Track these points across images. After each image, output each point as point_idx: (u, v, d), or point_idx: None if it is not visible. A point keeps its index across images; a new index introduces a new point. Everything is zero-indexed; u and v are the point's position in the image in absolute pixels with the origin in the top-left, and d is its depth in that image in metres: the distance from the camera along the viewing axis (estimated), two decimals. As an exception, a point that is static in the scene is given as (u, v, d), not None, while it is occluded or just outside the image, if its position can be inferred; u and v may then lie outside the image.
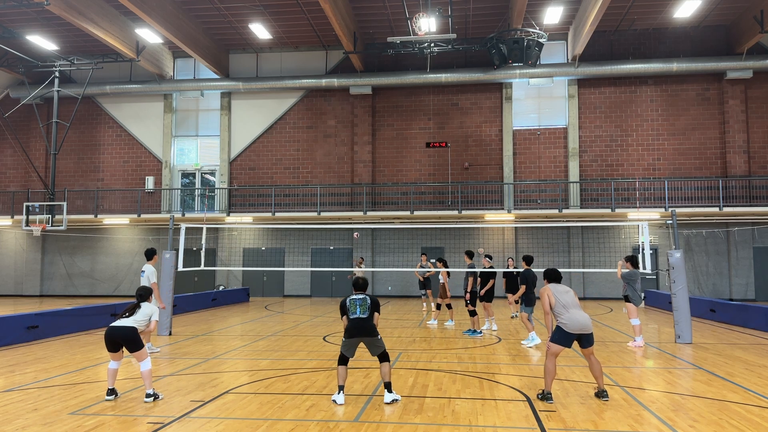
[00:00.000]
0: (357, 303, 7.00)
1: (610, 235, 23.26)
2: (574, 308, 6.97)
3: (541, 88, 24.39)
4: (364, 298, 7.06)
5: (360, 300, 7.03)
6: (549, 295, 7.11)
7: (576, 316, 6.90)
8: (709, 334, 12.90)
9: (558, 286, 7.27)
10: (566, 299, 7.07)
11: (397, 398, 6.88)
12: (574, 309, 6.96)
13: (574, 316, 6.89)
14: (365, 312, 6.91)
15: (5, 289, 26.78)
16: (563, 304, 7.03)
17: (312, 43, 25.38)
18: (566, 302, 7.03)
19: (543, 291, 7.21)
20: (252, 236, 25.72)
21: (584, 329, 6.88)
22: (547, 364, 6.93)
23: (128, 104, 26.67)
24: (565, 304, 7.02)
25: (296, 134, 25.57)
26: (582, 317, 6.90)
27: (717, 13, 22.20)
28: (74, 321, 13.29)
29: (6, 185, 27.09)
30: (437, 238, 24.32)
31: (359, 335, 6.84)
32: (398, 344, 11.35)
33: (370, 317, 6.92)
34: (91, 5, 19.98)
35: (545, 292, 7.16)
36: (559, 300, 7.06)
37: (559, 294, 7.12)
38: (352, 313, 6.95)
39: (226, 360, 9.71)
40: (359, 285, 7.32)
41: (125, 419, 6.10)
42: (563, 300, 7.06)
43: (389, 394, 6.80)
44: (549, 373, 6.90)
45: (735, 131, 22.77)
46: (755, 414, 6.33)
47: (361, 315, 6.90)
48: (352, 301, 7.03)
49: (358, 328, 6.84)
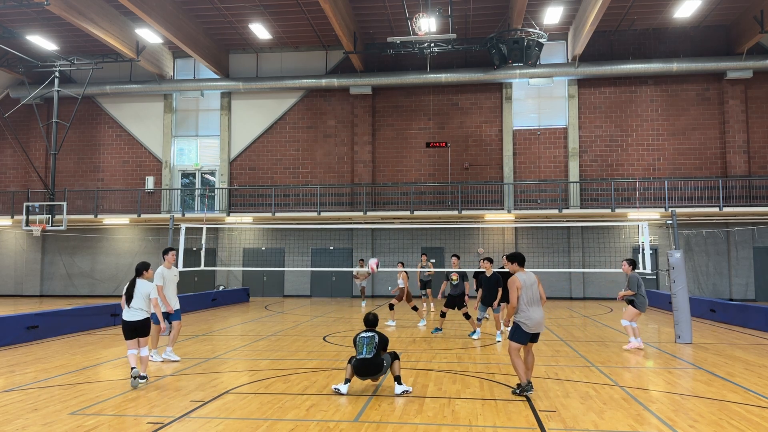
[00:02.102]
0: (364, 342, 7.24)
1: (610, 235, 23.26)
2: (534, 306, 7.12)
3: (541, 88, 24.39)
4: (372, 336, 7.28)
5: (368, 339, 7.26)
6: (519, 287, 7.13)
7: (535, 315, 7.09)
8: (709, 334, 12.90)
9: (526, 277, 7.24)
10: (530, 294, 7.15)
11: (408, 389, 7.18)
12: (534, 307, 7.12)
13: (534, 315, 7.08)
14: (371, 352, 7.14)
15: (5, 289, 26.78)
16: (526, 300, 7.13)
17: (312, 43, 25.38)
18: (529, 298, 7.14)
19: (513, 282, 7.15)
20: (252, 236, 25.72)
21: (540, 328, 7.16)
22: (515, 361, 7.16)
23: (128, 104, 26.67)
24: (528, 300, 7.13)
25: (296, 134, 25.57)
26: (539, 316, 7.12)
27: (717, 13, 22.20)
28: (74, 321, 13.29)
29: (6, 185, 27.09)
30: (437, 238, 24.32)
31: (364, 375, 7.23)
32: (398, 344, 11.35)
33: (376, 355, 7.15)
34: (91, 5, 19.98)
35: (515, 285, 7.14)
36: (524, 295, 7.14)
37: (526, 288, 7.16)
38: (359, 353, 7.22)
39: (226, 360, 9.71)
40: (369, 321, 7.56)
41: (125, 419, 6.10)
42: (527, 295, 7.14)
43: (399, 386, 7.12)
44: (519, 367, 7.15)
45: (735, 131, 22.77)
46: (755, 414, 6.33)
47: (366, 355, 7.14)
48: (360, 340, 7.30)
49: (364, 367, 7.15)
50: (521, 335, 7.11)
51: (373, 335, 7.29)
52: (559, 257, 23.49)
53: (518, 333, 7.12)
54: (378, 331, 7.46)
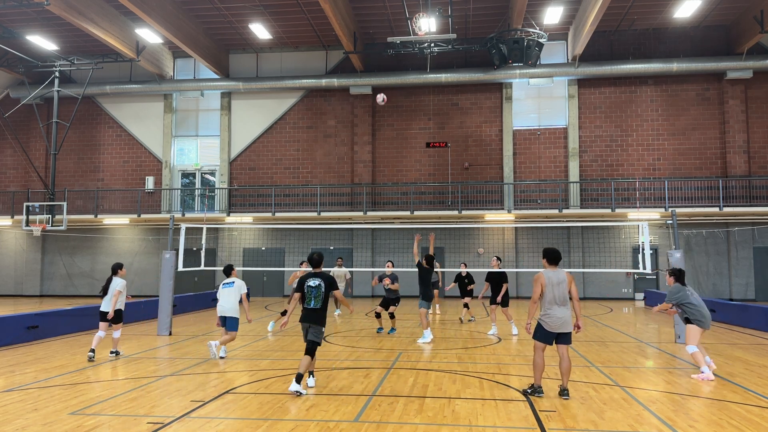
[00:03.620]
0: (312, 294, 7.42)
1: (610, 235, 23.27)
2: (559, 305, 6.95)
3: (541, 88, 24.38)
4: (318, 286, 7.43)
5: (315, 290, 7.43)
6: (543, 284, 7.01)
7: (558, 314, 6.93)
8: (709, 334, 12.88)
9: (554, 275, 7.07)
10: (557, 293, 6.98)
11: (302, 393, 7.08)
12: (558, 306, 6.95)
13: (557, 314, 6.93)
14: (318, 303, 7.40)
15: (5, 289, 26.78)
16: (550, 299, 6.98)
17: (312, 43, 25.38)
18: (555, 296, 6.97)
19: (537, 278, 7.06)
20: (252, 236, 25.71)
21: (564, 328, 6.96)
22: (536, 359, 7.08)
23: (128, 104, 26.67)
24: (552, 299, 6.98)
25: (296, 134, 25.56)
26: (563, 315, 6.94)
27: (717, 13, 22.19)
28: (74, 321, 13.30)
29: (6, 185, 27.09)
30: (437, 238, 24.30)
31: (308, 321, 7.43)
32: (398, 344, 11.35)
33: (322, 306, 7.41)
34: (91, 5, 19.97)
35: (539, 280, 7.04)
36: (549, 293, 6.99)
37: (552, 286, 7.00)
38: (307, 303, 7.43)
39: (226, 360, 9.71)
40: (314, 261, 7.65)
41: (125, 419, 6.10)
42: (552, 294, 6.98)
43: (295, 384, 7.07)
44: (538, 367, 7.05)
45: (735, 131, 22.76)
46: (755, 414, 6.32)
47: (315, 306, 7.40)
48: (308, 290, 7.45)
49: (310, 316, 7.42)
50: (543, 334, 7.01)
51: (319, 284, 7.43)
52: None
53: (540, 331, 7.05)
54: (323, 274, 7.54)
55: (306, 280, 7.52)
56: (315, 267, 7.64)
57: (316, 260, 7.65)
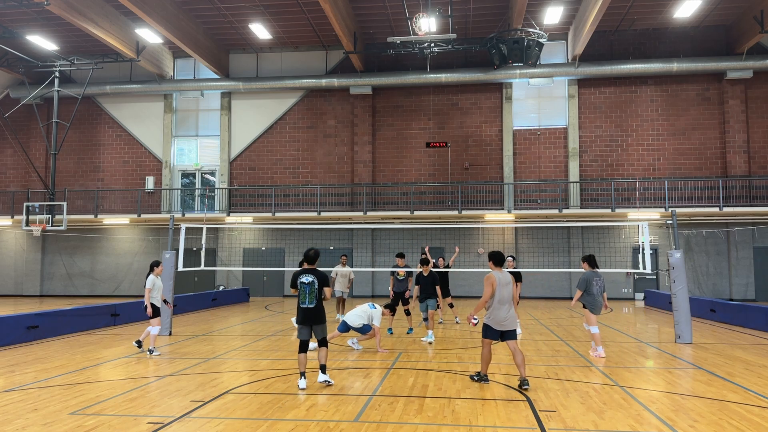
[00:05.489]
0: (306, 291, 7.49)
1: (610, 235, 23.27)
2: (504, 305, 7.51)
3: (541, 88, 24.39)
4: (312, 282, 7.49)
5: (309, 287, 7.49)
6: (494, 285, 7.49)
7: (503, 314, 7.51)
8: (709, 334, 12.90)
9: (501, 277, 7.58)
10: (504, 293, 7.53)
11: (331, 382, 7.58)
12: (503, 306, 7.51)
13: (502, 314, 7.51)
14: (313, 301, 7.50)
15: (5, 289, 26.78)
16: (498, 299, 7.52)
17: (312, 43, 25.38)
18: (502, 297, 7.51)
19: (490, 279, 7.51)
20: (252, 236, 25.71)
21: (509, 326, 7.55)
22: (484, 352, 7.74)
23: (128, 104, 26.67)
24: (500, 299, 7.51)
25: (296, 134, 25.57)
26: (507, 315, 7.52)
27: (717, 13, 22.19)
28: (74, 321, 13.29)
29: (6, 185, 27.09)
30: (437, 238, 24.32)
31: (308, 322, 7.57)
32: (398, 344, 11.35)
33: (318, 302, 7.52)
34: (91, 5, 19.97)
35: (491, 281, 7.50)
36: (497, 294, 7.51)
37: (500, 287, 7.52)
38: (302, 301, 7.54)
39: (226, 360, 9.71)
40: (309, 258, 7.75)
41: (125, 419, 6.10)
42: (500, 294, 7.51)
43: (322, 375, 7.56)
44: (485, 359, 7.74)
45: (735, 131, 22.77)
46: (755, 414, 6.33)
47: (309, 305, 7.51)
48: (302, 287, 7.52)
49: (307, 316, 7.55)
50: (490, 332, 7.62)
51: (312, 281, 7.49)
52: (559, 257, 23.48)
53: (487, 330, 7.64)
54: (317, 271, 7.61)
55: (300, 276, 7.55)
56: (310, 264, 7.71)
57: (311, 256, 7.72)
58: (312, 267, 7.67)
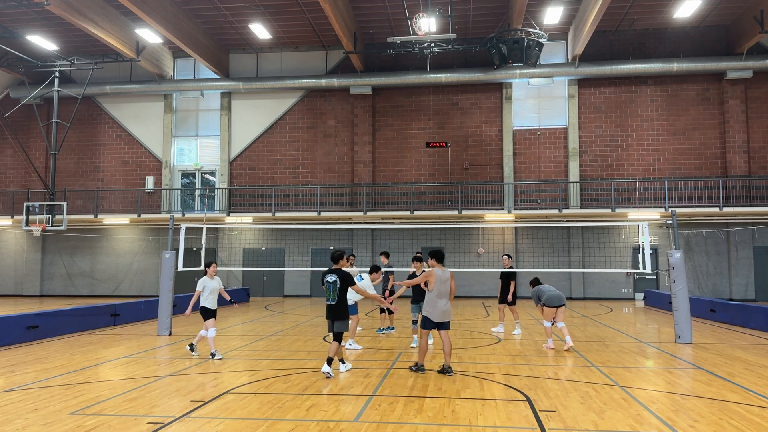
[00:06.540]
0: (330, 289, 8.17)
1: (610, 235, 23.26)
2: (442, 299, 8.19)
3: (541, 88, 24.38)
4: (335, 282, 8.12)
5: (332, 285, 8.14)
6: (431, 281, 8.19)
7: (441, 307, 8.19)
8: (709, 334, 12.90)
9: (441, 273, 8.23)
10: (442, 289, 8.21)
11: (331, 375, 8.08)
12: (441, 300, 8.19)
13: (440, 306, 8.18)
14: (334, 298, 8.13)
15: (5, 289, 26.78)
16: (437, 293, 8.19)
17: (312, 43, 25.38)
18: (440, 292, 8.20)
19: (431, 274, 8.18)
20: (252, 236, 25.72)
21: (445, 317, 8.24)
22: (422, 343, 8.45)
23: (128, 104, 26.67)
24: (438, 293, 8.19)
25: (296, 134, 25.56)
26: (444, 308, 8.21)
27: (717, 13, 22.19)
28: (74, 321, 13.29)
29: (6, 185, 27.09)
30: (437, 238, 24.32)
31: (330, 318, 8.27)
32: (398, 344, 11.36)
33: (340, 299, 8.12)
34: (91, 5, 19.97)
35: (431, 276, 8.17)
36: (436, 288, 8.18)
37: (439, 282, 8.18)
38: (327, 298, 8.24)
39: (226, 360, 9.72)
40: (333, 258, 8.39)
41: (125, 419, 6.10)
42: (439, 289, 8.19)
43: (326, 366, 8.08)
44: (422, 350, 8.43)
45: (735, 131, 22.76)
46: (755, 414, 6.33)
47: (331, 302, 8.18)
48: (327, 285, 8.19)
49: (330, 312, 8.25)
50: (428, 323, 8.29)
51: (335, 280, 8.13)
52: (559, 257, 23.48)
53: (426, 321, 8.31)
54: (340, 271, 8.21)
55: (325, 276, 8.25)
56: (334, 263, 8.30)
57: (335, 257, 8.34)
58: (337, 267, 8.28)
